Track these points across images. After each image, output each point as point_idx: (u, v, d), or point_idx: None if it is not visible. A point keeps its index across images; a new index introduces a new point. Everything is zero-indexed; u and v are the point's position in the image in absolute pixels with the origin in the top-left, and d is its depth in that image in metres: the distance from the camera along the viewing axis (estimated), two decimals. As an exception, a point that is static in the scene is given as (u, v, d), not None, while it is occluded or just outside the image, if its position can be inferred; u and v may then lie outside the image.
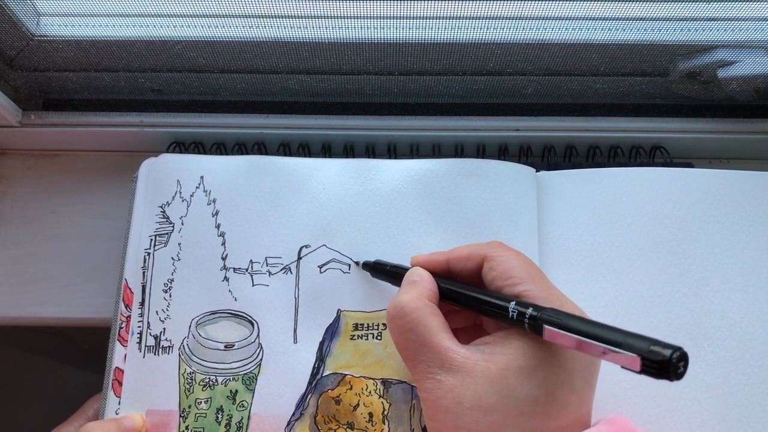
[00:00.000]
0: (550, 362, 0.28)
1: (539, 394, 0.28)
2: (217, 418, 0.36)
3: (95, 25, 0.41)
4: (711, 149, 0.46)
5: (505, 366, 0.28)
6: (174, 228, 0.40)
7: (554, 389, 0.28)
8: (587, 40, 0.41)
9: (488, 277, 0.32)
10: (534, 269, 0.32)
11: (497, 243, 0.34)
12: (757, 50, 0.41)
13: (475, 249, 0.33)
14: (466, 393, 0.28)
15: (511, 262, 0.32)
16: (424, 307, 0.31)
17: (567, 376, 0.28)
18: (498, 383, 0.28)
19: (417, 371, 0.30)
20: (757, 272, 0.37)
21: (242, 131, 0.45)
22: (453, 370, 0.29)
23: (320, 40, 0.41)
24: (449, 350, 0.29)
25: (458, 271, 0.34)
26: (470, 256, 0.33)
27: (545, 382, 0.28)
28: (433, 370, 0.29)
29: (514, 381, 0.28)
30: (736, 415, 0.35)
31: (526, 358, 0.28)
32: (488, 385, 0.28)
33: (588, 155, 0.45)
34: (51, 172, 0.47)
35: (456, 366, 0.29)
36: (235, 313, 0.38)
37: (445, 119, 0.45)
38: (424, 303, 0.31)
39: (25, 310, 0.43)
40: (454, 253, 0.34)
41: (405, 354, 0.31)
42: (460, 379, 0.28)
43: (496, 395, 0.28)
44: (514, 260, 0.32)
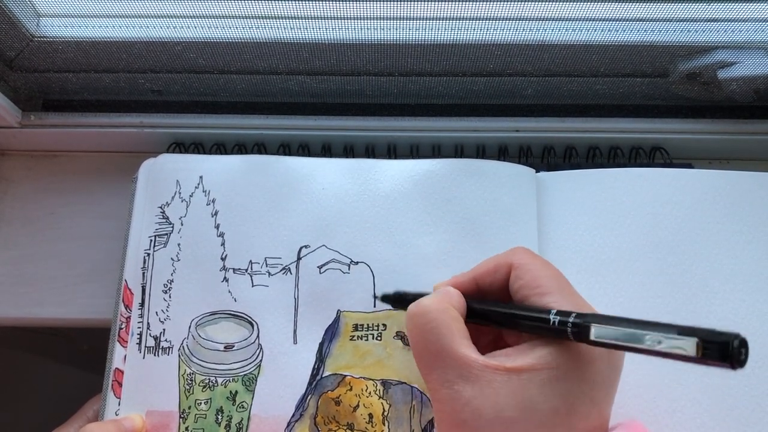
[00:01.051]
0: (573, 375, 0.27)
1: (560, 407, 0.27)
2: (217, 419, 0.36)
3: (95, 26, 0.41)
4: (711, 150, 0.46)
5: (527, 378, 0.27)
6: (173, 228, 0.40)
7: (575, 402, 0.27)
8: (587, 41, 0.41)
9: (515, 286, 0.31)
10: (562, 280, 0.31)
11: (522, 249, 0.33)
12: (757, 51, 0.41)
13: (500, 259, 0.32)
14: (486, 405, 0.27)
15: (539, 271, 0.31)
16: (448, 310, 0.30)
17: (589, 388, 0.28)
18: (519, 395, 0.27)
19: (432, 378, 0.29)
20: (757, 272, 0.37)
21: (242, 132, 0.45)
22: (472, 379, 0.28)
23: (320, 41, 0.41)
24: (469, 358, 0.28)
25: (487, 286, 0.33)
26: (497, 267, 0.32)
27: (567, 395, 0.27)
28: (450, 378, 0.28)
29: (536, 393, 0.27)
30: (736, 416, 0.35)
31: (549, 370, 0.27)
32: (509, 397, 0.27)
33: (588, 156, 0.45)
34: (51, 173, 0.47)
35: (475, 375, 0.28)
36: (234, 314, 0.38)
37: (445, 120, 0.45)
38: (449, 307, 0.30)
39: (25, 311, 0.43)
40: (480, 268, 0.33)
41: (422, 358, 0.30)
42: (479, 390, 0.27)
43: (517, 407, 0.27)
44: (542, 270, 0.31)
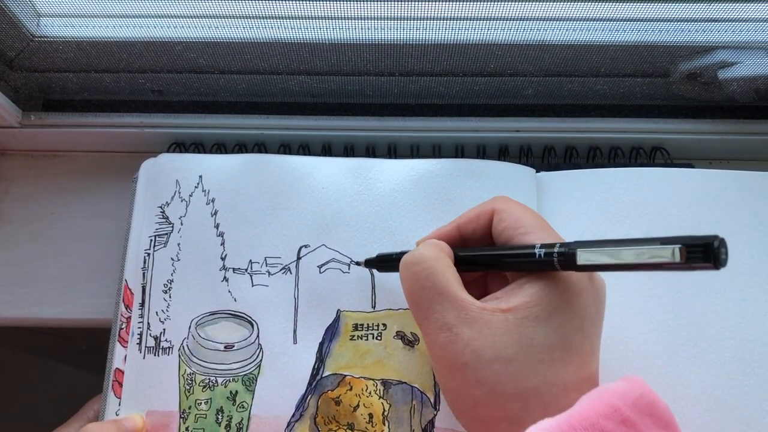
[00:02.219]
0: (563, 309, 0.28)
1: (556, 341, 0.28)
2: (217, 419, 0.36)
3: (95, 26, 0.42)
4: (711, 150, 0.46)
5: (523, 315, 0.28)
6: (173, 228, 0.40)
7: (569, 335, 0.28)
8: (587, 41, 0.41)
9: (498, 228, 0.32)
10: (541, 220, 0.32)
11: (503, 197, 0.34)
12: (758, 51, 0.41)
13: (482, 207, 0.33)
14: (485, 345, 0.28)
15: (520, 213, 0.32)
16: (442, 258, 0.31)
17: (580, 322, 0.29)
18: (517, 333, 0.28)
19: (429, 323, 0.30)
20: (757, 272, 0.37)
21: (242, 132, 0.45)
22: (470, 321, 0.28)
23: (321, 41, 0.41)
24: (467, 301, 0.29)
25: (470, 233, 0.34)
26: (479, 214, 0.33)
27: (561, 329, 0.28)
28: (449, 321, 0.29)
29: (532, 329, 0.28)
30: (736, 416, 0.35)
31: (542, 307, 0.28)
32: (507, 336, 0.28)
33: (588, 156, 0.45)
34: (51, 173, 0.47)
35: (472, 317, 0.28)
36: (234, 314, 0.38)
37: (445, 120, 0.45)
38: (443, 255, 0.31)
39: (25, 311, 0.43)
40: (462, 217, 0.34)
41: (418, 304, 0.30)
42: (478, 331, 0.28)
43: (515, 345, 0.28)
44: (523, 211, 0.32)
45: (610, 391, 0.27)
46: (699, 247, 0.23)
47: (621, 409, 0.26)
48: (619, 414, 0.26)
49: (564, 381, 0.28)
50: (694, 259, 0.23)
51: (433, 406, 0.36)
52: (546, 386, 0.27)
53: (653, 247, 0.25)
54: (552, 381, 0.28)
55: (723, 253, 0.23)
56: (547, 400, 0.27)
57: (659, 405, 0.28)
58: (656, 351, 0.36)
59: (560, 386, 0.28)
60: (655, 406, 0.28)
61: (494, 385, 0.28)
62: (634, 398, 0.27)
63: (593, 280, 0.30)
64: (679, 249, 0.24)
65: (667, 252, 0.24)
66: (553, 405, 0.27)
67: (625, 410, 0.26)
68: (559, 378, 0.28)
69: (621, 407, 0.26)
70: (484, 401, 0.28)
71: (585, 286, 0.29)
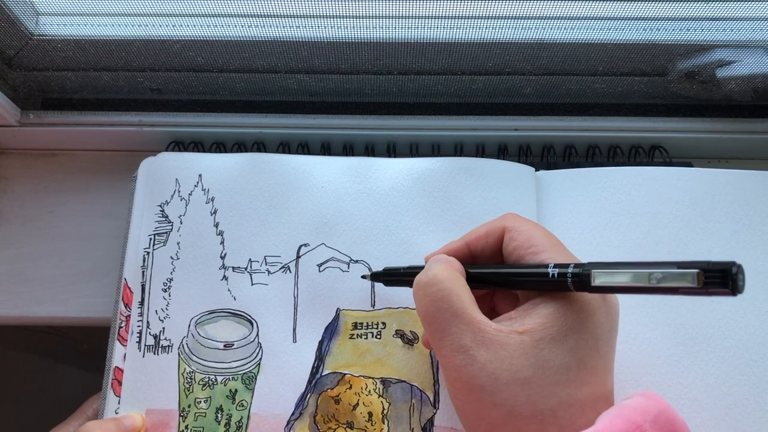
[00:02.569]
0: (578, 329, 0.28)
1: (571, 362, 0.28)
2: (216, 418, 0.36)
3: (94, 24, 0.41)
4: (710, 149, 0.46)
5: (539, 337, 0.28)
6: (173, 227, 0.40)
7: (584, 356, 0.28)
8: (586, 39, 0.41)
9: (509, 248, 0.32)
10: (554, 238, 0.32)
11: (513, 214, 0.34)
12: (756, 50, 0.41)
13: (492, 224, 0.33)
14: (502, 368, 0.27)
15: (532, 231, 0.32)
16: (457, 278, 0.30)
17: (594, 341, 0.28)
18: (533, 355, 0.28)
19: (444, 345, 0.29)
20: (757, 272, 0.38)
21: (241, 131, 0.45)
22: (486, 343, 0.28)
23: (319, 40, 0.41)
24: (482, 323, 0.29)
25: (479, 251, 0.33)
26: (489, 231, 0.33)
27: (576, 350, 0.28)
28: (465, 343, 0.28)
29: (548, 351, 0.28)
30: (736, 416, 0.35)
31: (557, 328, 0.28)
32: (523, 358, 0.27)
33: (587, 155, 0.45)
34: (50, 172, 0.47)
35: (489, 339, 0.28)
36: (234, 313, 0.38)
37: (444, 119, 0.45)
38: (456, 275, 0.31)
39: (25, 310, 0.43)
40: (472, 234, 0.34)
41: (434, 325, 0.30)
42: (494, 353, 0.28)
43: (531, 367, 0.27)
44: (535, 230, 0.32)
45: (631, 408, 0.27)
46: (717, 273, 0.23)
47: (642, 426, 0.26)
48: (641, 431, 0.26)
49: (580, 401, 0.28)
50: (712, 284, 0.23)
51: (433, 404, 0.36)
52: (562, 407, 0.27)
53: (670, 271, 0.24)
54: (568, 402, 0.27)
55: (741, 279, 0.23)
56: (563, 422, 0.27)
57: (678, 422, 0.28)
58: (656, 351, 0.36)
59: (577, 407, 0.28)
60: (675, 422, 0.28)
61: (511, 408, 0.27)
62: (654, 415, 0.27)
63: (606, 298, 0.30)
64: (696, 274, 0.23)
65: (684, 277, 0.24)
66: (569, 426, 0.27)
67: (647, 427, 0.26)
68: (576, 398, 0.28)
69: (642, 424, 0.26)
70: (500, 423, 0.28)
71: (599, 305, 0.29)
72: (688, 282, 0.24)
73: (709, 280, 0.23)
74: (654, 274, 0.25)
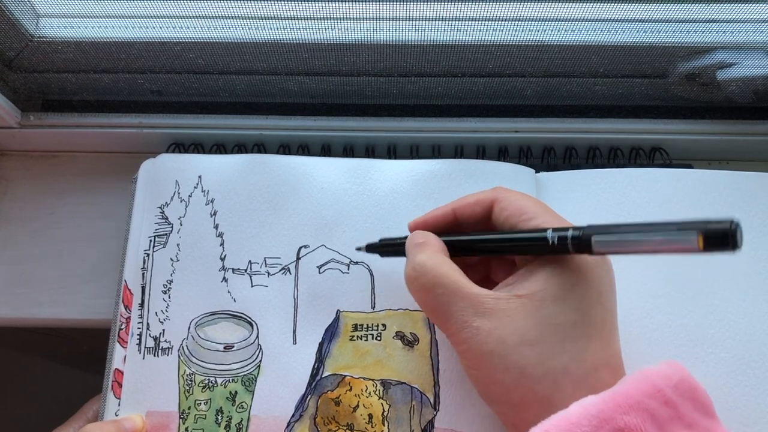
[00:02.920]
0: (580, 285, 0.29)
1: (577, 318, 0.28)
2: (216, 420, 0.36)
3: (94, 26, 0.42)
4: (710, 151, 0.46)
5: (540, 297, 0.28)
6: (173, 229, 0.40)
7: (590, 310, 0.29)
8: (586, 41, 0.41)
9: (501, 218, 0.32)
10: (544, 205, 0.32)
11: (502, 187, 0.34)
12: (756, 52, 0.41)
13: (482, 194, 0.34)
14: (508, 332, 0.28)
15: (522, 200, 0.32)
16: (443, 261, 0.31)
17: (597, 295, 0.29)
18: (537, 315, 0.28)
19: (450, 325, 0.30)
20: (757, 272, 0.37)
21: (242, 132, 0.45)
22: (488, 313, 0.29)
23: (319, 42, 0.41)
24: (480, 296, 0.29)
25: (466, 219, 0.34)
26: (479, 201, 0.33)
27: (580, 305, 0.28)
28: (468, 318, 0.29)
29: (552, 309, 0.28)
30: (735, 416, 0.35)
31: (558, 286, 0.29)
32: (528, 319, 0.28)
33: (588, 156, 0.45)
34: (50, 174, 0.47)
35: (489, 309, 0.29)
36: (234, 314, 0.38)
37: (444, 121, 0.45)
38: (441, 258, 0.31)
39: (24, 311, 0.43)
40: (460, 201, 0.34)
41: (435, 310, 0.31)
42: (498, 321, 0.28)
43: (537, 327, 0.28)
44: (524, 198, 0.32)
45: (654, 372, 0.27)
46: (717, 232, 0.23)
47: (664, 390, 0.27)
48: (662, 395, 0.26)
49: (591, 357, 0.28)
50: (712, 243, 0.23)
51: (433, 406, 0.36)
52: (574, 364, 0.28)
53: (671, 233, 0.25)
54: (580, 358, 0.28)
55: (739, 235, 0.23)
56: (576, 378, 0.28)
57: (699, 390, 0.28)
58: (656, 351, 0.36)
59: (588, 363, 0.28)
60: (696, 390, 0.28)
61: (522, 369, 0.28)
62: (676, 381, 0.27)
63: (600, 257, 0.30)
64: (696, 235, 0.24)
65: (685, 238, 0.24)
66: (584, 382, 0.27)
67: (668, 392, 0.27)
68: (587, 354, 0.28)
69: (664, 388, 0.27)
70: (514, 386, 0.28)
71: (596, 261, 0.30)
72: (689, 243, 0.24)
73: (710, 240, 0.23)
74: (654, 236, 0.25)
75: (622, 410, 0.25)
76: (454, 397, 0.36)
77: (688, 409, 0.27)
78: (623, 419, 0.25)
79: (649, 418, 0.25)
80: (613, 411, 0.25)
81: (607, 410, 0.25)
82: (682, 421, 0.26)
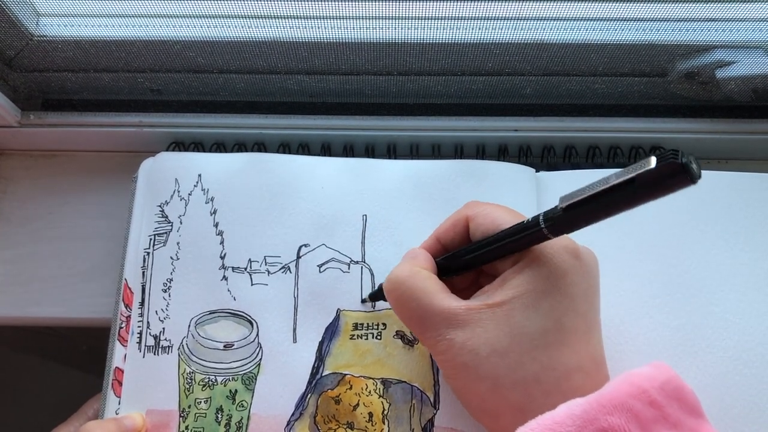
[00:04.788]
0: (551, 292, 0.29)
1: (548, 324, 0.28)
2: (216, 418, 0.36)
3: (94, 25, 0.41)
4: (709, 150, 0.46)
5: (509, 306, 0.29)
6: (173, 227, 0.40)
7: (561, 317, 0.29)
8: (586, 40, 0.41)
9: (477, 234, 0.32)
10: (517, 213, 0.32)
11: (474, 202, 0.34)
12: (756, 51, 0.41)
13: (455, 215, 0.34)
14: (479, 343, 0.28)
15: (494, 212, 0.32)
16: (417, 273, 0.31)
17: (570, 301, 0.29)
18: (507, 324, 0.28)
19: (427, 337, 0.30)
20: (756, 273, 0.38)
21: (242, 131, 0.45)
22: (460, 325, 0.29)
23: (319, 41, 0.41)
24: (451, 308, 0.30)
25: (449, 242, 0.34)
26: (455, 222, 0.34)
27: (551, 312, 0.28)
28: (441, 331, 0.29)
29: (521, 317, 0.28)
30: (734, 416, 0.35)
31: (528, 294, 0.29)
32: (498, 329, 0.28)
33: (587, 155, 0.45)
34: (50, 173, 0.47)
35: (462, 320, 0.29)
36: (234, 313, 0.38)
37: (444, 119, 0.45)
38: (416, 270, 0.32)
39: (24, 310, 0.43)
40: (440, 228, 0.35)
41: (410, 323, 0.32)
42: (470, 332, 0.29)
43: (507, 336, 0.28)
44: (496, 210, 0.32)
45: (637, 375, 0.28)
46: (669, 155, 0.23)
47: (648, 390, 0.27)
48: (647, 395, 0.27)
49: (564, 363, 0.28)
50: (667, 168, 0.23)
51: (433, 404, 0.36)
52: (545, 371, 0.28)
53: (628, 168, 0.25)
54: (551, 365, 0.28)
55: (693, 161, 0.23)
56: (548, 386, 0.28)
57: (686, 390, 0.28)
58: (655, 351, 0.36)
59: (560, 370, 0.28)
60: (682, 390, 0.28)
61: (495, 379, 0.28)
62: (662, 382, 0.27)
63: (580, 257, 0.30)
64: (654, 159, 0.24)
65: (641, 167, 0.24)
66: (556, 389, 0.28)
67: (653, 392, 0.27)
68: (558, 361, 0.28)
69: (648, 389, 0.27)
70: (488, 395, 0.29)
71: (570, 266, 0.30)
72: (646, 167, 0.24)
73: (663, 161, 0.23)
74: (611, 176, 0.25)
75: (606, 411, 0.26)
76: (454, 396, 0.36)
77: (673, 409, 0.27)
78: (607, 419, 0.25)
79: (633, 418, 0.26)
80: (597, 411, 0.26)
81: (591, 411, 0.26)
82: (666, 422, 0.27)
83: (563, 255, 0.30)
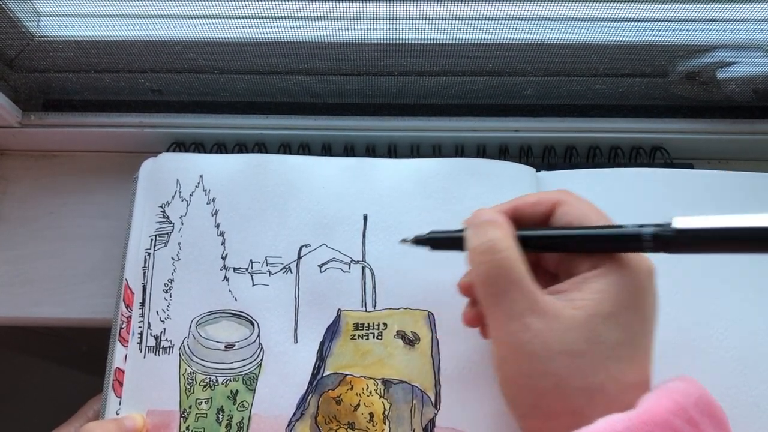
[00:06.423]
0: (631, 307, 0.28)
1: (624, 339, 0.28)
2: (217, 419, 0.36)
3: (95, 25, 0.41)
4: (711, 150, 0.46)
5: (593, 312, 0.28)
6: (174, 228, 0.40)
7: (636, 334, 0.28)
8: (586, 40, 0.41)
9: (562, 221, 0.31)
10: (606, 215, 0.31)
11: (567, 191, 0.33)
12: (756, 51, 0.41)
13: (544, 196, 0.33)
14: (554, 338, 0.28)
15: (587, 208, 0.31)
16: (514, 247, 0.30)
17: (644, 320, 0.29)
18: (586, 329, 0.28)
19: (498, 310, 0.29)
20: (756, 273, 0.38)
21: (242, 132, 0.45)
22: (540, 313, 0.28)
23: (320, 41, 0.41)
24: (537, 293, 0.29)
25: (525, 218, 0.33)
26: (540, 201, 0.32)
27: (629, 327, 0.28)
28: (519, 310, 0.28)
29: (602, 327, 0.28)
30: (735, 416, 0.35)
31: (611, 304, 0.28)
32: (577, 331, 0.28)
33: (588, 156, 0.45)
34: (50, 173, 0.47)
35: (543, 309, 0.28)
36: (235, 313, 0.38)
37: (445, 120, 0.45)
38: (513, 243, 0.30)
39: (25, 311, 0.43)
40: (520, 200, 0.33)
41: (489, 291, 0.30)
42: (547, 324, 0.28)
43: (585, 341, 0.28)
44: (588, 207, 0.31)
45: (675, 389, 0.27)
46: None
47: (686, 407, 0.27)
48: (686, 413, 0.26)
49: (628, 379, 0.28)
50: None
51: (434, 405, 0.36)
52: (612, 383, 0.28)
53: None
54: (618, 378, 0.28)
55: None
56: (610, 397, 0.27)
57: (717, 407, 0.28)
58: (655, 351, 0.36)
59: (624, 384, 0.28)
60: (714, 407, 0.28)
61: (560, 378, 0.28)
62: (696, 398, 0.27)
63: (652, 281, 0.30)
64: None
65: None
66: (616, 402, 0.27)
67: (690, 409, 0.27)
68: (625, 376, 0.28)
69: (686, 406, 0.27)
70: (548, 393, 0.28)
71: (649, 284, 0.29)
72: None
73: None
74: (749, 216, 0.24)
75: (648, 428, 0.25)
76: (455, 396, 0.36)
77: (706, 426, 0.27)
78: None
79: None
80: (639, 429, 0.25)
81: (633, 428, 0.25)
82: None
83: (645, 272, 0.29)
